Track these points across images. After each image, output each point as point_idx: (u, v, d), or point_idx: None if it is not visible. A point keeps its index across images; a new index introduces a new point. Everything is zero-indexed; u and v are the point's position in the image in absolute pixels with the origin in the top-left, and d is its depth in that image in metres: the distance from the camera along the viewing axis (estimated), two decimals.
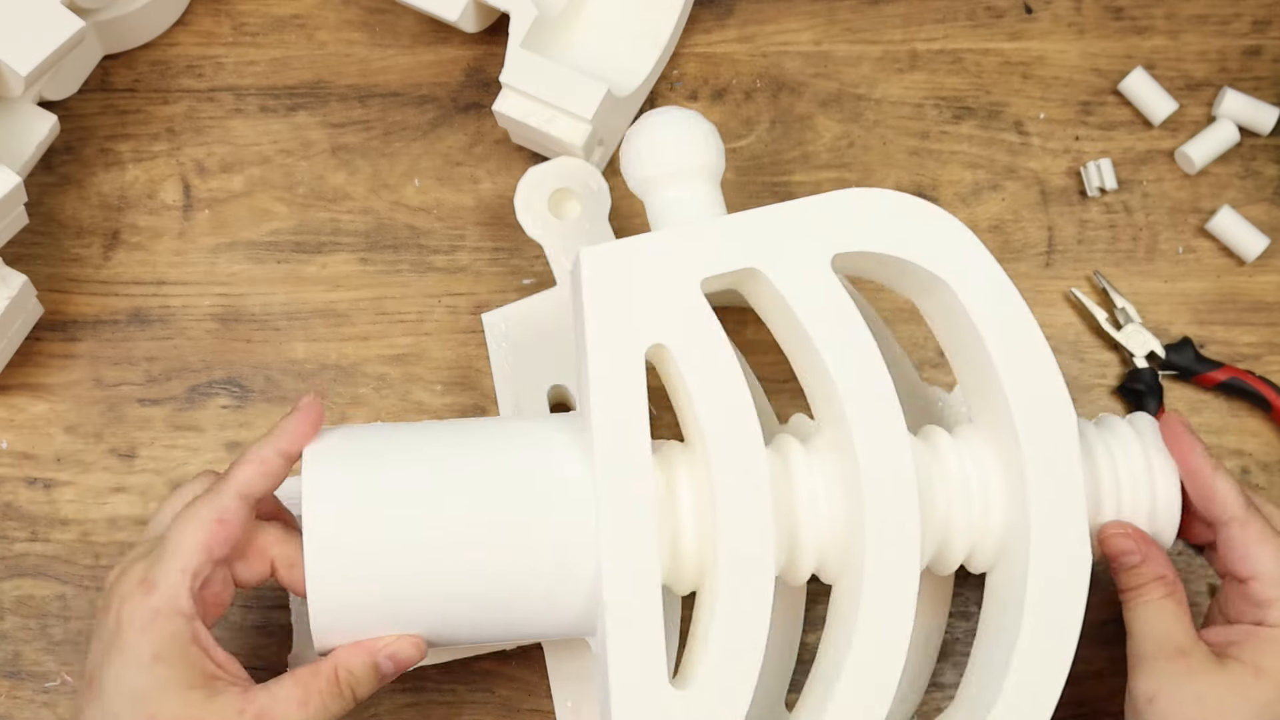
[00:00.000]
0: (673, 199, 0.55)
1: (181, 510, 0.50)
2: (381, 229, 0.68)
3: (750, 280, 0.53)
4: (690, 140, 0.55)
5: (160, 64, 0.70)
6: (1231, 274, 0.68)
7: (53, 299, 0.66)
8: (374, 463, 0.50)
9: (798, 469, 0.52)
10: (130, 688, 0.47)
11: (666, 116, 0.56)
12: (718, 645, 0.49)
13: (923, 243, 0.53)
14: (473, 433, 0.52)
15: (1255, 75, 0.71)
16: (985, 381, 0.53)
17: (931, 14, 0.72)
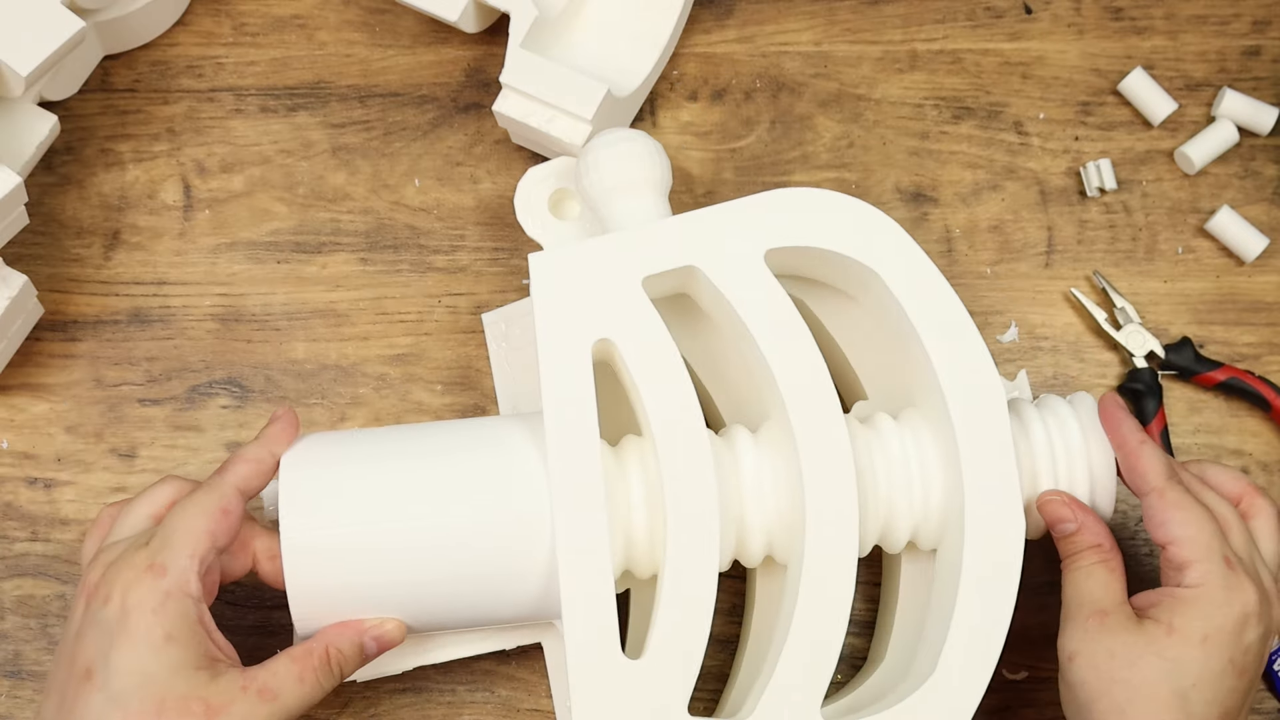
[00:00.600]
0: (622, 210, 0.58)
1: (183, 502, 0.52)
2: (382, 229, 0.68)
3: (691, 278, 0.56)
4: (637, 155, 0.58)
5: (160, 64, 0.70)
6: (1231, 274, 0.68)
7: (53, 299, 0.66)
8: (343, 465, 0.54)
9: (745, 455, 0.55)
10: (141, 669, 0.48)
11: (616, 135, 0.59)
12: (666, 619, 0.52)
13: (852, 236, 0.56)
14: (436, 433, 0.56)
15: (1255, 75, 0.71)
16: (919, 366, 0.55)
17: (931, 14, 0.72)
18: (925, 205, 0.69)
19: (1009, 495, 0.53)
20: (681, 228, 0.55)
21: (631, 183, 0.58)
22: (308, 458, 0.54)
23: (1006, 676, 0.63)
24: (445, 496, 0.53)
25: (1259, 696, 0.63)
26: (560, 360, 0.53)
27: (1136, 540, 0.65)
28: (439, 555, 0.53)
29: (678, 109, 0.70)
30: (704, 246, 0.55)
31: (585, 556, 0.52)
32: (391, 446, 0.55)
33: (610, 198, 0.58)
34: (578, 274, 0.55)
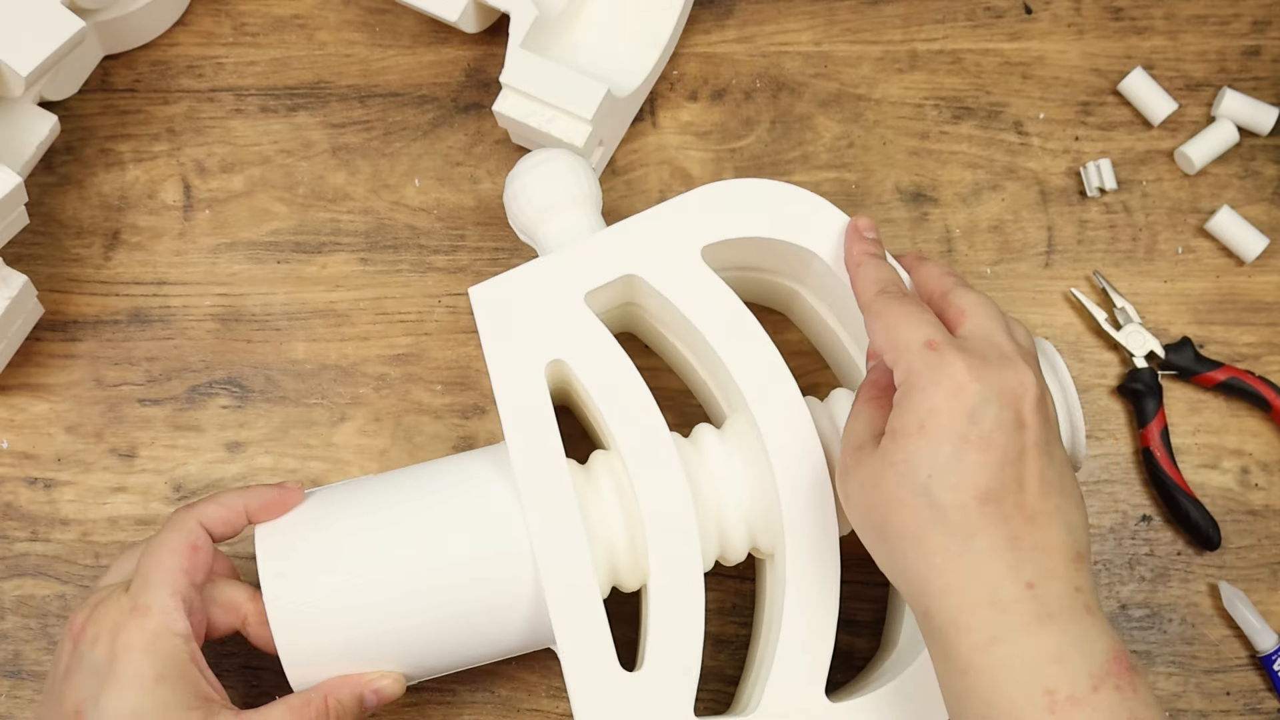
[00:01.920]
0: (555, 230, 0.58)
1: (152, 542, 0.52)
2: (382, 229, 0.68)
3: (633, 286, 0.57)
4: (561, 174, 0.58)
5: (160, 64, 0.70)
6: (1231, 274, 0.68)
7: (53, 299, 0.66)
8: (317, 525, 0.54)
9: (711, 452, 0.55)
10: (131, 710, 0.48)
11: (537, 157, 0.59)
12: (659, 626, 0.52)
13: (786, 221, 0.56)
14: (404, 481, 0.55)
15: (1254, 75, 0.71)
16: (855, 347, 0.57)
17: (931, 14, 0.72)
18: (925, 205, 0.69)
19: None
20: (616, 238, 0.56)
21: (559, 201, 0.58)
22: (281, 522, 0.54)
23: None
24: (421, 543, 0.53)
25: (1259, 697, 0.63)
26: (515, 388, 0.54)
27: (1137, 539, 0.65)
28: (424, 601, 0.52)
29: (678, 109, 0.70)
30: (640, 253, 0.55)
31: (569, 578, 0.52)
32: (361, 501, 0.54)
33: (542, 219, 0.58)
34: (519, 299, 0.55)
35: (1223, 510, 0.65)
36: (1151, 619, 0.64)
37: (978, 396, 0.46)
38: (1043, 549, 0.45)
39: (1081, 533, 0.47)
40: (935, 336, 0.48)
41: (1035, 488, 0.46)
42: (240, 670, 0.62)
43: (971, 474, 0.45)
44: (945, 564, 0.45)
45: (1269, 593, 0.64)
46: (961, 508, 0.45)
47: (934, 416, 0.46)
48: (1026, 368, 0.47)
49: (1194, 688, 0.63)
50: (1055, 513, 0.46)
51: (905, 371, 0.48)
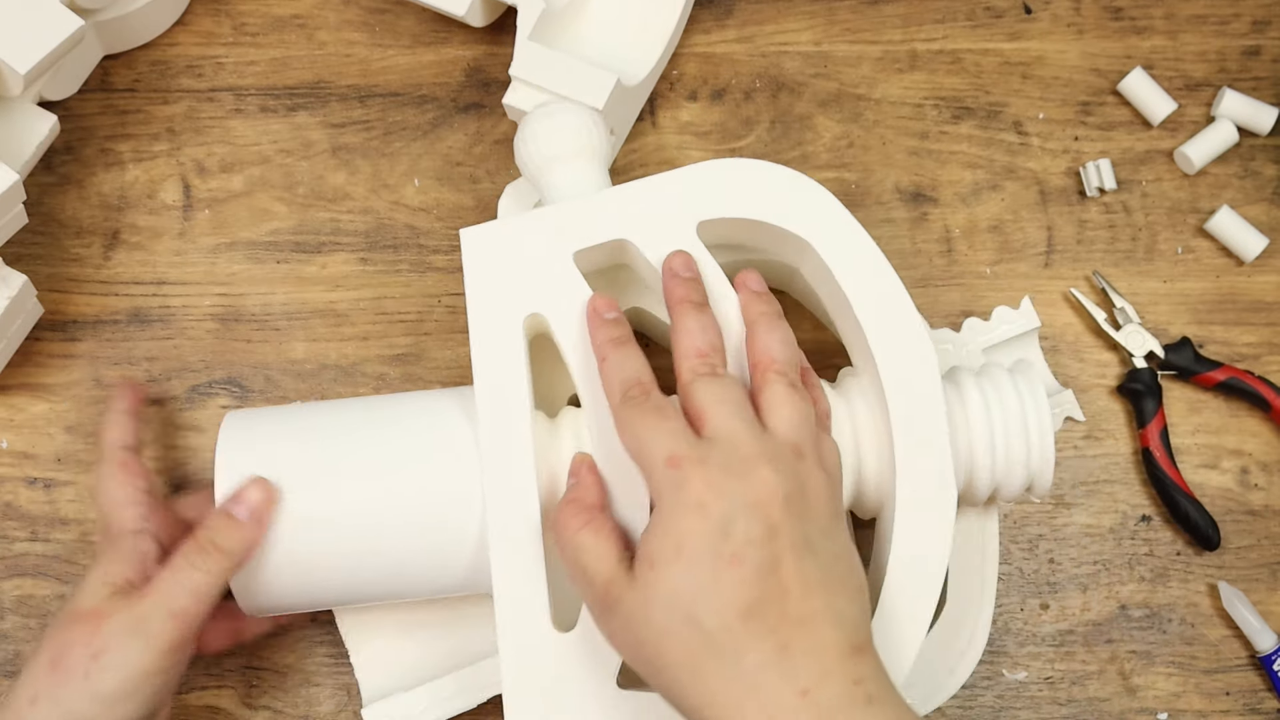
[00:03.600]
0: (560, 181, 0.57)
1: None
2: (381, 229, 0.68)
3: (624, 251, 0.56)
4: (573, 126, 0.58)
5: (160, 64, 0.70)
6: (1230, 274, 0.68)
7: (53, 299, 0.66)
8: (280, 437, 0.55)
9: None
10: None
11: (554, 106, 0.58)
12: None
13: (784, 207, 0.55)
14: (371, 406, 0.56)
15: (1254, 75, 0.71)
16: (854, 332, 0.55)
17: (931, 14, 0.72)
18: (925, 205, 0.69)
19: (940, 463, 0.53)
20: (614, 200, 0.55)
21: (568, 152, 0.57)
22: (244, 426, 0.55)
23: (1006, 676, 0.63)
24: (377, 466, 0.54)
25: (1259, 697, 0.63)
26: (491, 334, 0.54)
27: (1136, 540, 0.65)
28: (370, 523, 0.53)
29: (677, 109, 0.70)
30: (636, 219, 0.55)
31: (515, 527, 0.52)
32: (327, 419, 0.55)
33: (549, 168, 0.58)
34: (509, 248, 0.54)
35: (1222, 510, 0.65)
36: (1151, 619, 0.64)
37: (722, 514, 0.45)
38: (815, 651, 0.45)
39: (858, 622, 0.46)
40: (677, 450, 0.47)
41: (798, 590, 0.45)
42: (241, 670, 0.62)
43: (731, 593, 0.45)
44: (721, 687, 0.44)
45: (1268, 593, 0.64)
46: (727, 629, 0.45)
47: (687, 539, 0.45)
48: (770, 468, 0.46)
49: (1193, 688, 0.63)
50: (824, 610, 0.45)
51: (655, 492, 0.47)
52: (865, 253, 0.55)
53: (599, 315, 0.53)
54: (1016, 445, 0.55)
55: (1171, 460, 0.65)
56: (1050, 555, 0.64)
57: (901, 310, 0.54)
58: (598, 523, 0.49)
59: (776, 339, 0.51)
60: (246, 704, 0.62)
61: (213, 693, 0.62)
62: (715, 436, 0.47)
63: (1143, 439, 0.65)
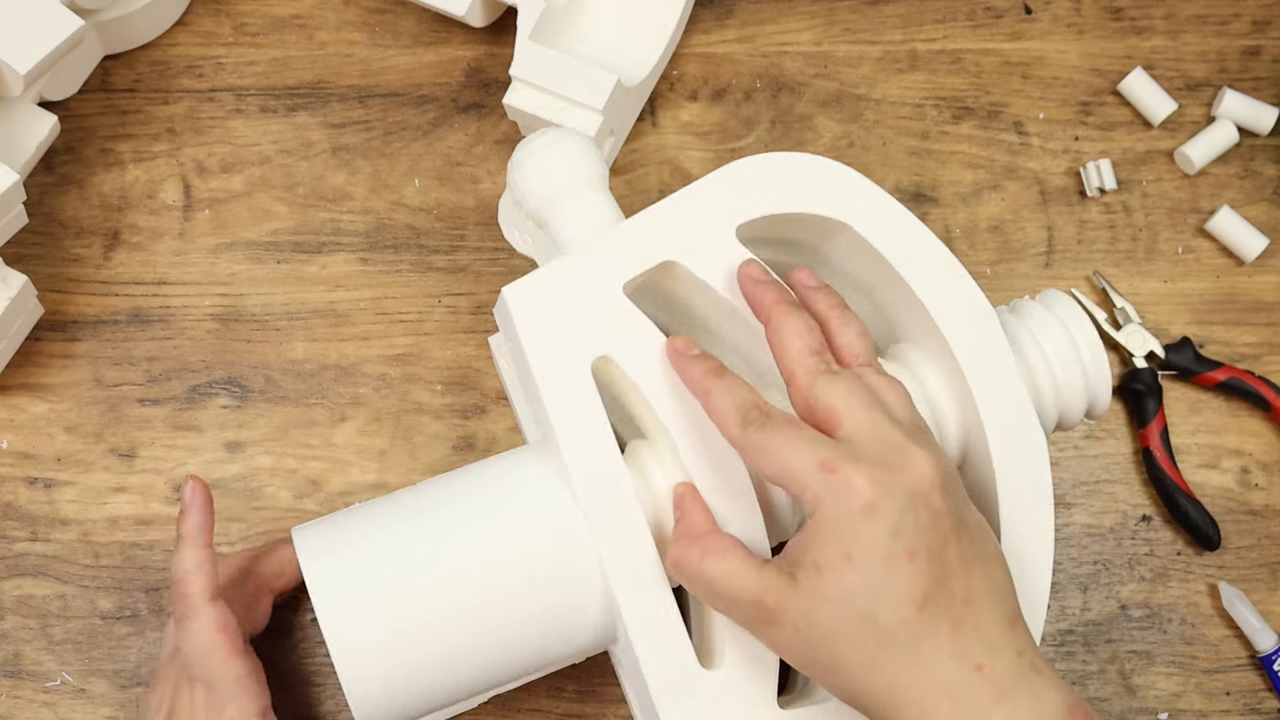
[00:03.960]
0: (572, 217, 0.55)
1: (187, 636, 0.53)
2: (382, 229, 0.68)
3: (669, 272, 0.54)
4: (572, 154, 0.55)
5: (160, 64, 0.70)
6: (1231, 274, 0.68)
7: (53, 299, 0.66)
8: (370, 547, 0.51)
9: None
10: None
11: (541, 139, 0.56)
12: None
13: (816, 194, 0.55)
14: (454, 488, 0.53)
15: (1254, 75, 0.71)
16: (905, 301, 0.55)
17: (931, 14, 0.72)
18: (925, 205, 0.69)
19: (1022, 408, 0.53)
20: (648, 224, 0.54)
21: (573, 184, 0.55)
22: (327, 547, 0.51)
23: None
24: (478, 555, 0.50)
25: (1260, 696, 0.63)
26: (563, 389, 0.51)
27: (1137, 539, 0.65)
28: (492, 612, 0.50)
29: (678, 109, 0.70)
30: (675, 238, 0.53)
31: (640, 576, 0.50)
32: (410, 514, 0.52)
33: (555, 205, 0.55)
34: (558, 297, 0.52)
35: (1222, 510, 0.65)
36: (1151, 619, 0.64)
37: (893, 509, 0.45)
38: (982, 626, 0.45)
39: (1009, 595, 0.47)
40: (826, 455, 0.46)
41: (960, 570, 0.46)
42: None
43: (907, 587, 0.45)
44: (900, 677, 0.45)
45: (1269, 593, 0.64)
46: (906, 622, 0.45)
47: (857, 542, 0.45)
48: (921, 451, 0.46)
49: (1194, 688, 0.63)
50: (984, 585, 0.46)
51: (813, 501, 0.46)
52: (902, 222, 0.54)
53: (683, 354, 0.51)
54: (1074, 371, 0.55)
55: (1172, 460, 0.64)
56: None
57: (949, 268, 0.54)
58: (718, 547, 0.48)
59: (854, 332, 0.51)
60: None
61: None
62: (856, 434, 0.47)
63: (1143, 439, 0.65)
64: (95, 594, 0.63)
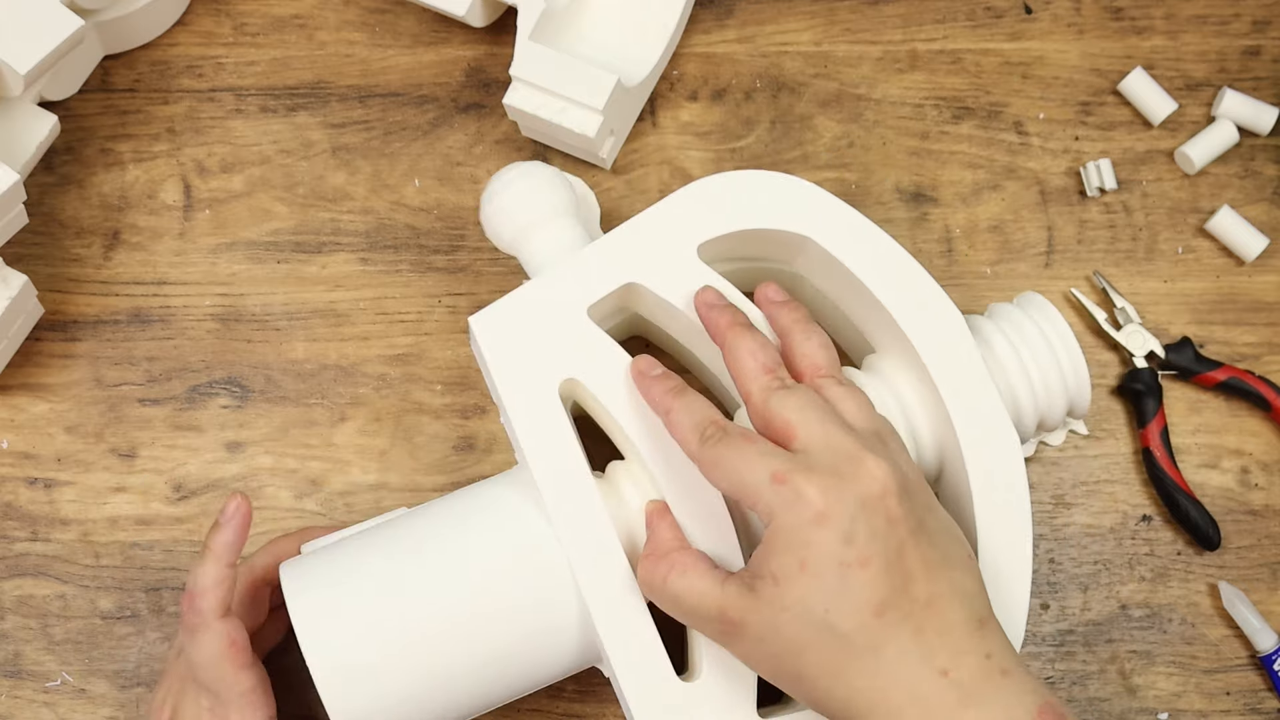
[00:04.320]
0: (541, 246, 0.57)
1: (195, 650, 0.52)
2: (382, 229, 0.68)
3: (632, 293, 0.56)
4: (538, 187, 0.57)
5: (161, 64, 0.70)
6: (1231, 274, 0.68)
7: (53, 299, 0.66)
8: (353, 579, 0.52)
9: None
10: None
11: (510, 174, 0.58)
12: None
13: (779, 210, 0.55)
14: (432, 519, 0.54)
15: (1255, 75, 0.71)
16: (873, 311, 0.55)
17: (931, 14, 0.72)
18: (925, 205, 0.69)
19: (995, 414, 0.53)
20: (610, 247, 0.55)
21: (542, 215, 0.57)
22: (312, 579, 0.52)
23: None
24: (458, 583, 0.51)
25: (1260, 696, 0.63)
26: (532, 413, 0.53)
27: (1137, 539, 0.65)
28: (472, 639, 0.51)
29: (678, 109, 0.70)
30: (637, 260, 0.55)
31: (612, 592, 0.51)
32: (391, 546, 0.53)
33: (526, 235, 0.57)
34: (523, 323, 0.54)
35: (1223, 510, 0.65)
36: (1151, 619, 0.64)
37: (844, 517, 0.45)
38: (947, 630, 0.46)
39: (978, 596, 0.47)
40: (778, 467, 0.46)
41: (922, 574, 0.46)
42: None
43: (863, 594, 0.45)
44: (865, 683, 0.45)
45: (1269, 592, 0.64)
46: (864, 628, 0.45)
47: (810, 551, 0.45)
48: (874, 458, 0.46)
49: (1194, 688, 0.63)
50: (948, 589, 0.46)
51: (766, 513, 0.46)
52: (867, 235, 0.55)
53: (646, 375, 0.52)
54: (1051, 373, 0.56)
55: (1172, 460, 0.64)
56: (1050, 555, 0.64)
57: (914, 276, 0.55)
58: (683, 563, 0.49)
59: (815, 344, 0.52)
60: None
61: None
62: (810, 445, 0.47)
63: (1143, 439, 0.65)
64: (95, 594, 0.63)
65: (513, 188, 0.57)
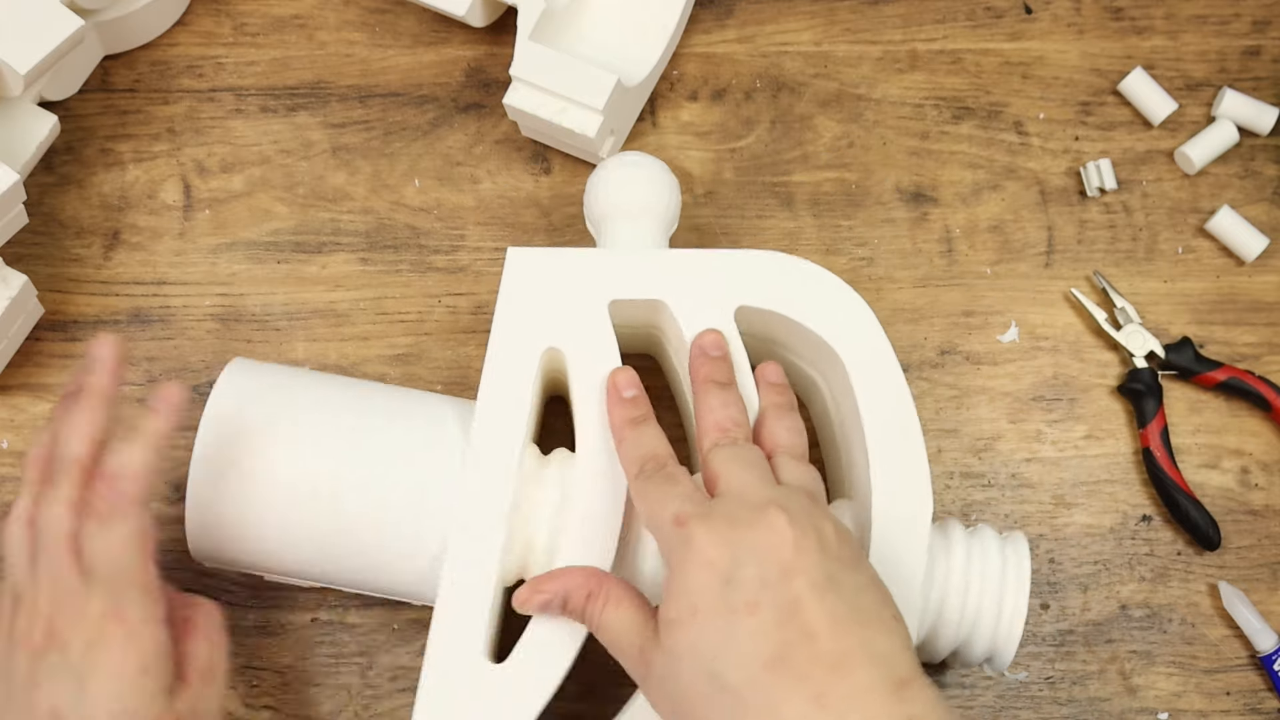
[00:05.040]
0: (617, 231, 0.58)
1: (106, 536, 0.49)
2: (382, 229, 0.68)
3: (658, 313, 0.56)
4: (646, 180, 0.58)
5: (161, 64, 0.70)
6: (1231, 274, 0.68)
7: (53, 299, 0.66)
8: (275, 398, 0.55)
9: None
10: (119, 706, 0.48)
11: (633, 156, 0.59)
12: (539, 630, 0.52)
13: (825, 313, 0.55)
14: (376, 395, 0.56)
15: (1254, 75, 0.71)
16: (858, 456, 0.55)
17: (931, 14, 0.72)
18: (925, 205, 0.69)
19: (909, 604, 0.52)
20: (663, 262, 0.55)
21: (634, 206, 0.58)
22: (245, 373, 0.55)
23: (1007, 676, 0.63)
24: (359, 449, 0.53)
25: (1260, 697, 0.63)
26: (508, 357, 0.54)
27: (1137, 540, 0.65)
28: (336, 503, 0.53)
29: (678, 109, 0.70)
30: (679, 286, 0.55)
31: (475, 550, 0.52)
32: (326, 393, 0.55)
33: (611, 216, 0.58)
34: (550, 278, 0.55)
35: (1223, 510, 0.65)
36: (1151, 619, 0.64)
37: (729, 561, 0.44)
38: (856, 694, 0.42)
39: (898, 656, 0.43)
40: (682, 510, 0.46)
41: (827, 630, 0.43)
42: (241, 670, 0.62)
43: (750, 644, 0.43)
44: None
45: (1269, 593, 0.64)
46: (753, 682, 0.43)
47: (700, 596, 0.44)
48: (780, 512, 0.45)
49: (1194, 688, 0.63)
50: (858, 649, 0.43)
51: (665, 554, 0.47)
52: (892, 383, 0.54)
53: (618, 392, 0.53)
54: (988, 613, 0.54)
55: (1172, 460, 0.64)
56: (1051, 555, 0.64)
57: (912, 455, 0.53)
58: (616, 595, 0.49)
59: (784, 426, 0.52)
60: (247, 704, 0.62)
61: None
62: (726, 492, 0.48)
63: (1143, 439, 0.65)
64: None
65: (623, 171, 0.59)
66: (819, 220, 0.68)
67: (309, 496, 0.53)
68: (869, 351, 0.55)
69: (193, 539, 0.54)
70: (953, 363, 0.66)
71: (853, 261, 0.68)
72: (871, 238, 0.68)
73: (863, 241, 0.68)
